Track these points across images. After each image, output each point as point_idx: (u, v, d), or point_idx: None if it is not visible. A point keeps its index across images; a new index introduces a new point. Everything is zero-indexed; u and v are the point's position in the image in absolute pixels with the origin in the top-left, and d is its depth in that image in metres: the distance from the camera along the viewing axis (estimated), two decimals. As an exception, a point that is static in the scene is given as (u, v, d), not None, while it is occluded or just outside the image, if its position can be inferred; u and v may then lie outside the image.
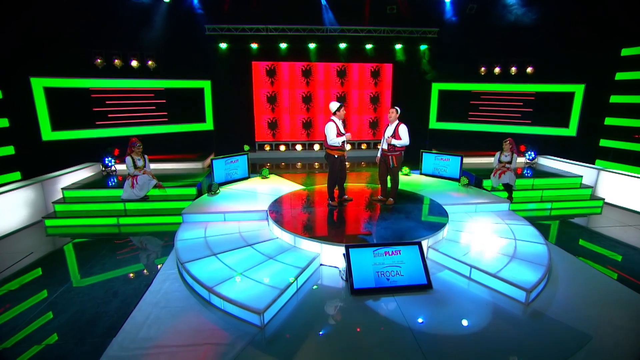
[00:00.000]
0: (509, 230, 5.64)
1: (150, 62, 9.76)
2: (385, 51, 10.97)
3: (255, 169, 9.37)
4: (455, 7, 10.03)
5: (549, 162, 9.62)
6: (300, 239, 4.99)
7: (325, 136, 5.91)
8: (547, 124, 10.32)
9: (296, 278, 4.20)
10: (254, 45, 10.28)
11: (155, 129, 10.16)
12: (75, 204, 6.72)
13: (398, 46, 10.79)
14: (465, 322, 3.64)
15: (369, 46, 10.73)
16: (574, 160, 8.94)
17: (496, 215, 6.34)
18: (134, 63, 9.52)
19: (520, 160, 9.79)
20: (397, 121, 6.01)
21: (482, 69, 10.95)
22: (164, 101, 10.23)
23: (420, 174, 8.79)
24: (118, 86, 9.41)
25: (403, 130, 5.95)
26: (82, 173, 8.04)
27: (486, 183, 7.86)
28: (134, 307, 3.90)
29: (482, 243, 5.13)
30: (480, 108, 11.26)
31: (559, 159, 9.33)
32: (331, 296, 4.16)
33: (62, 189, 6.91)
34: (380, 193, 6.56)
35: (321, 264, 4.88)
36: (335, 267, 4.79)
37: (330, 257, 4.81)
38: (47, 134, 8.27)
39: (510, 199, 7.22)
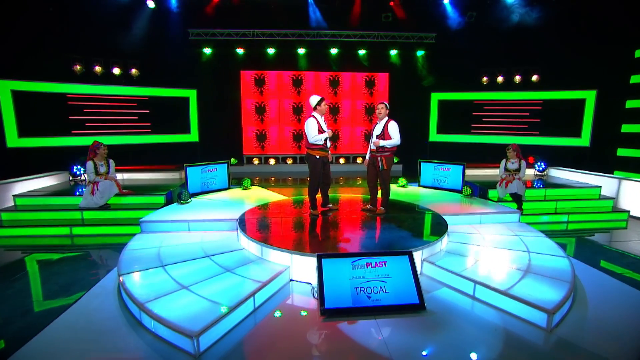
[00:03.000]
0: (520, 242, 4.75)
1: (134, 71, 9.32)
2: (380, 59, 10.46)
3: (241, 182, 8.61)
4: (454, 12, 9.58)
5: (561, 174, 8.75)
6: (267, 250, 4.16)
7: (305, 135, 5.21)
8: (557, 134, 9.53)
9: (245, 299, 3.32)
10: (240, 51, 9.84)
11: (136, 139, 9.57)
12: (26, 212, 5.99)
13: (393, 52, 10.27)
14: (468, 354, 2.73)
15: (362, 52, 10.23)
16: (589, 171, 8.07)
17: (504, 226, 5.45)
18: (116, 70, 9.08)
19: (530, 171, 8.94)
20: (386, 118, 5.30)
21: (484, 78, 10.35)
22: (147, 111, 9.71)
23: (419, 185, 7.96)
24: (97, 93, 8.92)
25: (393, 127, 5.22)
26: (46, 181, 7.38)
27: (492, 194, 7.00)
28: (43, 328, 3.05)
29: (489, 256, 4.24)
30: (484, 119, 10.57)
31: (572, 170, 8.46)
32: (297, 318, 3.27)
33: (13, 196, 6.21)
34: (370, 201, 5.74)
35: (291, 279, 4.01)
36: (308, 283, 3.92)
37: (303, 271, 3.95)
38: (13, 140, 7.68)
39: (520, 210, 6.32)
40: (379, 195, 5.58)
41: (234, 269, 3.88)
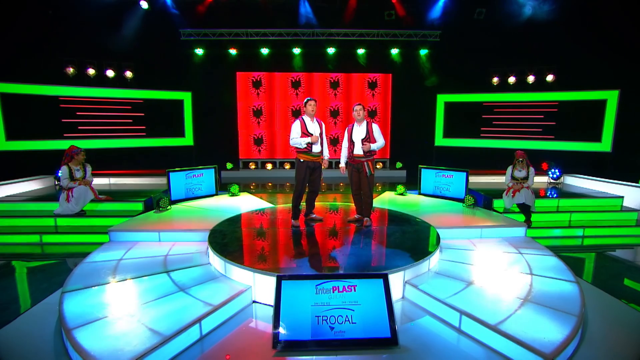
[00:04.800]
0: (523, 261, 4.14)
1: (128, 73, 9.14)
2: (382, 59, 9.92)
3: (239, 189, 8.21)
4: (460, 8, 8.96)
5: (577, 182, 7.99)
6: (230, 266, 3.72)
7: None
8: (574, 139, 8.74)
9: (186, 327, 2.88)
10: (235, 52, 9.51)
11: (129, 142, 9.37)
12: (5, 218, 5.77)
13: (394, 51, 9.71)
14: (437, 411, 2.20)
15: (361, 51, 9.72)
16: (610, 179, 7.29)
17: (508, 242, 4.84)
18: (110, 73, 8.92)
19: (542, 179, 8.22)
20: (365, 120, 4.84)
21: (495, 78, 9.67)
22: (141, 114, 9.50)
23: (419, 193, 7.39)
24: (90, 95, 8.77)
25: (377, 130, 4.87)
26: (30, 185, 7.21)
27: (498, 204, 6.37)
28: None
29: (483, 278, 3.67)
30: (494, 122, 9.87)
31: (591, 177, 7.69)
32: (248, 349, 2.82)
33: (-10, 200, 6.03)
34: (356, 211, 5.24)
35: (254, 301, 3.56)
36: (271, 305, 3.45)
37: (267, 292, 3.50)
38: (1, 143, 7.56)
39: (527, 223, 5.69)
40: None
41: (189, 288, 3.46)
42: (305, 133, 4.69)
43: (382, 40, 9.44)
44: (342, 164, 5.12)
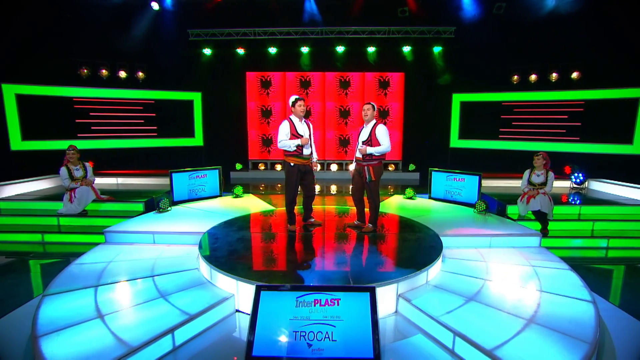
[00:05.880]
0: (533, 275, 3.78)
1: (140, 74, 9.24)
2: (393, 57, 9.55)
3: (247, 189, 8.11)
4: (477, 3, 8.49)
5: (603, 187, 7.39)
6: (216, 273, 3.57)
7: None
8: (602, 140, 8.09)
9: (156, 337, 2.73)
10: (243, 51, 9.41)
11: (141, 142, 9.48)
12: (8, 216, 5.89)
13: (406, 49, 9.32)
14: None
15: (371, 49, 9.40)
16: (641, 185, 6.69)
17: (519, 252, 4.46)
18: (122, 73, 9.04)
19: (564, 184, 7.65)
20: (373, 121, 4.54)
21: (515, 76, 9.13)
22: (153, 114, 9.59)
23: (429, 198, 7.03)
24: (102, 96, 8.91)
25: (382, 132, 4.46)
26: (42, 184, 7.38)
27: (512, 210, 5.94)
28: None
29: (486, 294, 3.35)
30: (514, 123, 9.32)
31: (619, 183, 7.09)
32: (219, 365, 2.65)
33: (-1, 199, 6.17)
34: (357, 217, 4.99)
35: (237, 310, 3.39)
36: (254, 316, 3.27)
37: (251, 301, 3.31)
38: (17, 143, 7.79)
39: (543, 231, 5.25)
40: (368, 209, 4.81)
41: (170, 295, 3.33)
42: (294, 135, 4.48)
43: (394, 37, 9.09)
44: (351, 168, 4.89)
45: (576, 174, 7.43)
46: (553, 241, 5.16)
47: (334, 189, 8.71)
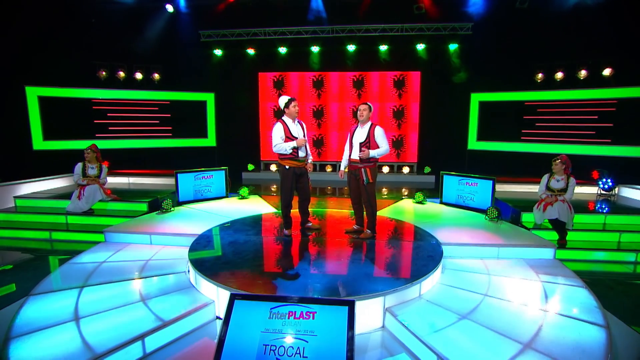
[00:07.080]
0: (540, 291, 3.43)
1: (156, 75, 9.44)
2: (409, 56, 9.21)
3: (259, 190, 8.08)
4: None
5: (635, 194, 6.74)
6: (200, 278, 3.49)
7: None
8: (636, 143, 7.40)
9: (124, 343, 2.65)
10: (251, 51, 9.37)
11: (155, 142, 9.67)
12: (23, 214, 6.13)
13: (420, 46, 8.93)
14: None
15: (383, 47, 9.09)
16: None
17: (528, 265, 4.09)
18: (138, 75, 9.26)
19: (591, 190, 7.06)
20: (369, 122, 4.34)
21: (539, 75, 8.54)
22: (168, 115, 9.78)
23: (440, 202, 6.68)
24: (120, 97, 9.17)
25: (380, 134, 4.30)
26: (58, 182, 7.65)
27: (527, 218, 5.51)
28: None
29: (482, 312, 3.06)
30: (537, 124, 8.73)
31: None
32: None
33: (14, 197, 6.42)
34: (355, 221, 4.78)
35: (217, 317, 3.29)
36: (233, 324, 3.15)
37: (230, 308, 3.20)
38: (39, 143, 8.14)
39: (561, 242, 4.81)
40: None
41: (150, 299, 3.28)
42: (289, 137, 4.35)
43: (407, 35, 8.74)
44: (342, 168, 4.73)
45: (604, 179, 6.82)
46: (570, 253, 4.72)
47: (341, 190, 8.50)
